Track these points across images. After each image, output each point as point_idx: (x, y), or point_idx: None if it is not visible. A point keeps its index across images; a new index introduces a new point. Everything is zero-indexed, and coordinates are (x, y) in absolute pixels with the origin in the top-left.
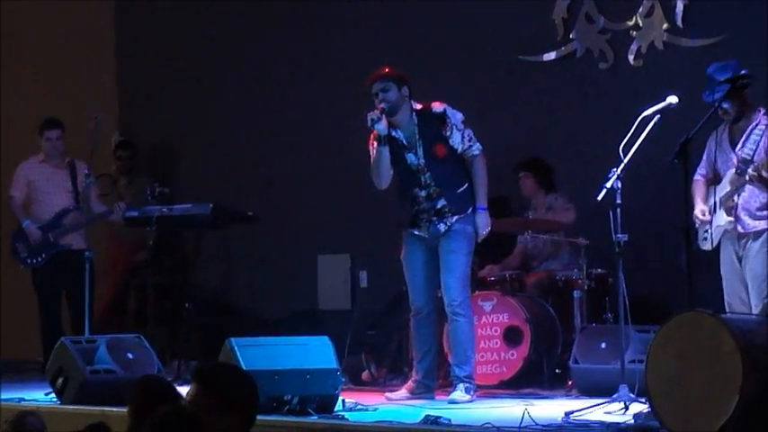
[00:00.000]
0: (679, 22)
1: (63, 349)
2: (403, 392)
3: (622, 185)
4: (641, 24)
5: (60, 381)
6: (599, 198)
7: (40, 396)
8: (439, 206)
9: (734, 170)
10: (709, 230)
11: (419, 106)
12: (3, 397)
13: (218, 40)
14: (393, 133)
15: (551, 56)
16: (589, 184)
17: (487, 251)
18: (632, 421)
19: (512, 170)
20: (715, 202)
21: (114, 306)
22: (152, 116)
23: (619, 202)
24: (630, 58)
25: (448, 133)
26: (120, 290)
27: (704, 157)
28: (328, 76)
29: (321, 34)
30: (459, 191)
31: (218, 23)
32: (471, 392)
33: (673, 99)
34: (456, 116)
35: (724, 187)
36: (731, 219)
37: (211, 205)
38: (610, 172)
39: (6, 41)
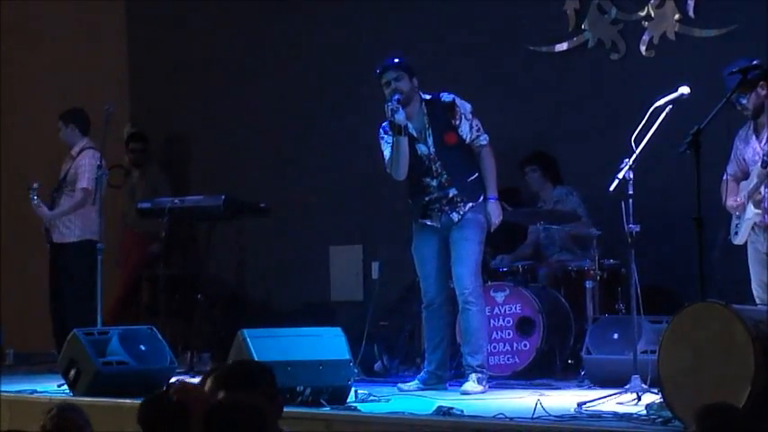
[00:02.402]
0: (691, 13)
1: (75, 341)
2: (415, 383)
3: (634, 176)
4: (653, 15)
5: (73, 372)
6: (611, 189)
7: (52, 388)
8: (450, 195)
9: (759, 163)
10: (740, 224)
11: (428, 96)
12: (16, 389)
13: (231, 31)
14: None
15: (563, 47)
16: (601, 175)
17: (499, 241)
18: (645, 412)
19: (517, 166)
20: (744, 197)
21: (127, 298)
22: (164, 108)
23: (631, 192)
24: (642, 48)
25: (457, 122)
26: (134, 281)
27: (731, 156)
28: (340, 68)
29: (333, 26)
30: (470, 179)
31: (230, 16)
32: (484, 383)
33: (685, 89)
34: (465, 106)
35: (751, 181)
36: (759, 211)
37: (223, 197)
38: (622, 163)
39: (20, 35)
